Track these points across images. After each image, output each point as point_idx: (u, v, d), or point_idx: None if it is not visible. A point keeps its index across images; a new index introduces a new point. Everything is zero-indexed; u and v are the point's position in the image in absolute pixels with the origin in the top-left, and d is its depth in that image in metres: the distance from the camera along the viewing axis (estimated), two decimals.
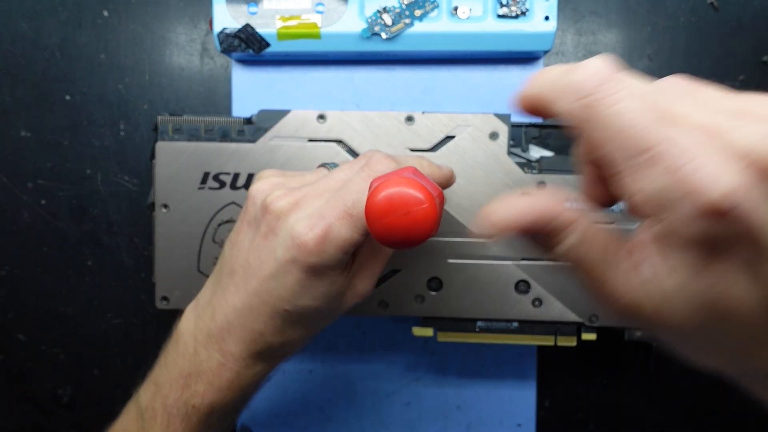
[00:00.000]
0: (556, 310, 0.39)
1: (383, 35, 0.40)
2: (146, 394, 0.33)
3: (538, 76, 0.21)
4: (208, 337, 0.31)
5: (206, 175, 0.40)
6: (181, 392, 0.31)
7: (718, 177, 0.16)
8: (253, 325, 0.29)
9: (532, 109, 0.22)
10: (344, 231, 0.27)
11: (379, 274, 0.32)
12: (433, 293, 0.39)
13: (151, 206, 0.40)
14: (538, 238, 0.21)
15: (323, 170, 0.33)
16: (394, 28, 0.40)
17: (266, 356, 0.31)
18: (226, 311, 0.30)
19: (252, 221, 0.30)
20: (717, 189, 0.16)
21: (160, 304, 0.40)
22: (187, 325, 0.32)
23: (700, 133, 0.17)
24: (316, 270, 0.28)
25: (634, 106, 0.17)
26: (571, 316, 0.39)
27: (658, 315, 0.18)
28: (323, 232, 0.27)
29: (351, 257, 0.30)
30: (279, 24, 0.41)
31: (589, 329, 0.39)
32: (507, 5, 0.40)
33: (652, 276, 0.18)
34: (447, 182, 0.34)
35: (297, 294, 0.28)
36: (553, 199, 0.20)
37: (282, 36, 0.41)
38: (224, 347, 0.30)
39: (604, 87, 0.18)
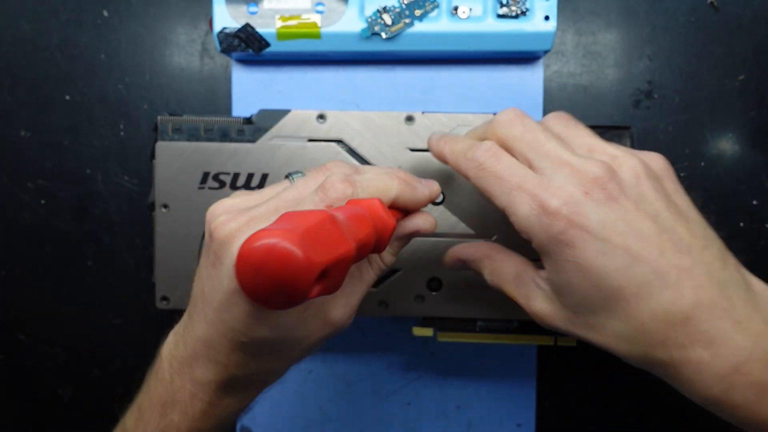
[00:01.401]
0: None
1: (383, 35, 0.40)
2: (131, 419, 0.32)
3: (448, 143, 0.31)
4: (180, 365, 0.29)
5: (206, 174, 0.40)
6: (159, 421, 0.30)
7: (561, 189, 0.27)
8: (216, 357, 0.28)
9: (439, 157, 0.32)
10: None
11: (358, 303, 0.29)
12: (433, 293, 0.39)
13: (152, 206, 0.40)
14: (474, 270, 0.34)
15: (285, 183, 0.30)
16: (394, 28, 0.40)
17: (236, 388, 0.29)
18: (193, 341, 0.28)
19: (205, 248, 0.28)
20: (557, 199, 0.26)
21: (161, 304, 0.40)
22: (166, 350, 0.30)
23: (561, 167, 0.28)
24: None
25: (477, 180, 0.29)
26: None
27: (548, 319, 0.30)
28: (234, 274, 0.24)
29: None
30: (279, 24, 0.41)
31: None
32: (507, 5, 0.40)
33: (547, 299, 0.29)
34: (418, 205, 0.30)
35: (249, 325, 0.26)
36: (476, 245, 0.34)
37: (282, 36, 0.41)
38: (194, 377, 0.29)
39: (489, 159, 0.28)
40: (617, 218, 0.25)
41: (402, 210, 0.29)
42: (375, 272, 0.30)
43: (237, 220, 0.26)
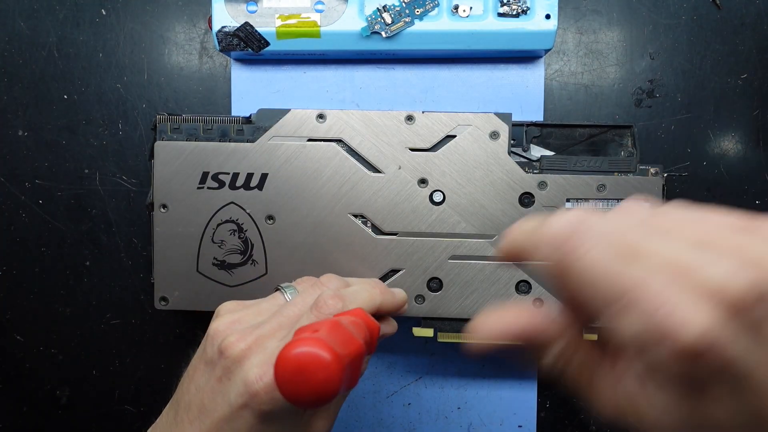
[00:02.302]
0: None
1: (383, 34, 0.40)
2: None
3: (516, 229, 0.23)
4: None
5: (205, 174, 0.39)
6: None
7: (691, 319, 0.16)
8: None
9: (515, 258, 0.23)
10: None
11: (337, 412, 0.32)
12: (433, 293, 0.39)
13: (150, 206, 0.40)
14: (526, 347, 0.23)
15: (279, 296, 0.33)
16: (394, 27, 0.40)
17: None
18: None
19: (209, 362, 0.30)
20: (691, 332, 0.16)
21: (159, 305, 0.40)
22: None
23: (670, 273, 0.17)
24: (268, 416, 0.28)
25: (602, 255, 0.18)
26: None
27: (641, 425, 0.20)
28: (274, 379, 0.27)
29: None
30: (278, 23, 0.40)
31: (590, 329, 0.39)
32: (508, 4, 0.40)
33: (635, 394, 0.19)
34: (398, 308, 0.36)
35: None
36: (537, 315, 0.23)
37: (281, 35, 0.41)
38: None
39: (572, 240, 0.19)
40: None
41: (376, 316, 0.34)
42: (368, 357, 0.32)
43: (246, 340, 0.29)
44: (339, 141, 0.39)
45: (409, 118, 0.39)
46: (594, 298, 0.18)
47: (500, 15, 0.40)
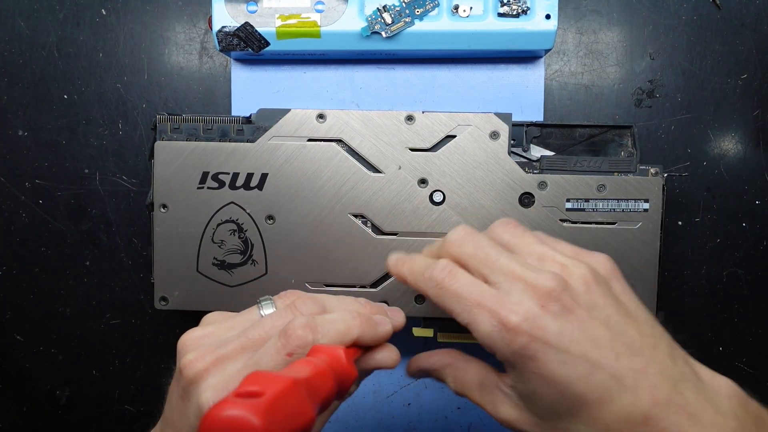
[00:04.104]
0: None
1: (383, 34, 0.40)
2: None
3: (405, 263, 0.32)
4: None
5: (205, 174, 0.39)
6: None
7: (517, 307, 0.27)
8: None
9: (400, 280, 0.32)
10: None
11: (322, 427, 0.31)
12: None
13: (150, 206, 0.40)
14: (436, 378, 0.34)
15: (254, 312, 0.31)
16: (394, 27, 0.40)
17: None
18: None
19: (176, 376, 0.29)
20: (518, 315, 0.27)
21: (159, 305, 0.40)
22: None
23: (506, 280, 0.29)
24: None
25: (438, 298, 0.30)
26: None
27: (516, 424, 0.30)
28: None
29: None
30: (278, 23, 0.40)
31: None
32: (508, 4, 0.40)
33: (513, 405, 0.30)
34: (380, 341, 0.31)
35: None
36: (437, 354, 0.34)
37: (281, 35, 0.41)
38: None
39: (446, 278, 0.29)
40: (574, 328, 0.27)
41: (364, 347, 0.30)
42: (339, 402, 0.31)
43: (204, 360, 0.27)
44: (339, 141, 0.39)
45: (409, 118, 0.39)
46: (457, 314, 0.29)
47: (500, 15, 0.40)
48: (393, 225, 0.39)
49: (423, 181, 0.39)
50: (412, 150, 0.39)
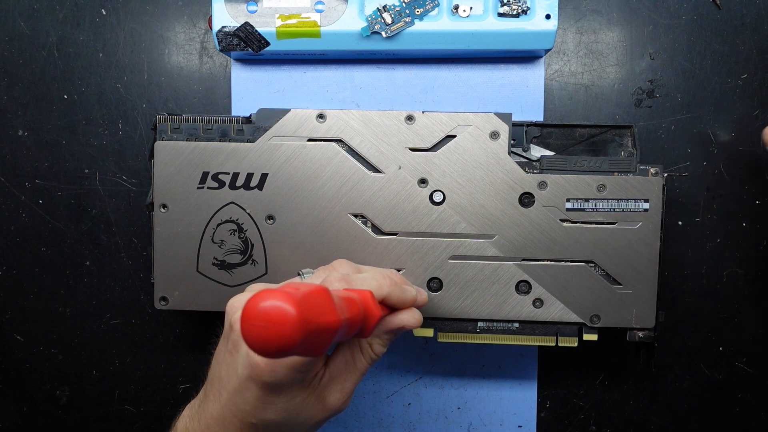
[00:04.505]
0: (557, 310, 0.39)
1: (383, 34, 0.40)
2: None
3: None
4: None
5: (205, 174, 0.39)
6: None
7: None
8: None
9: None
10: None
11: (353, 388, 0.33)
12: (434, 293, 0.39)
13: (150, 206, 0.40)
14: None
15: (297, 280, 0.34)
16: (394, 27, 0.40)
17: None
18: (207, 418, 0.31)
19: (224, 335, 0.31)
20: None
21: (159, 305, 0.40)
22: (182, 423, 0.33)
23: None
24: (271, 387, 0.29)
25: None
26: (573, 317, 0.39)
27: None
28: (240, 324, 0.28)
29: (323, 369, 0.32)
30: (278, 23, 0.40)
31: (591, 330, 0.39)
32: (508, 4, 0.40)
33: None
34: (405, 305, 0.34)
35: (258, 408, 0.29)
36: None
37: (281, 35, 0.41)
38: None
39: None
40: None
41: (390, 307, 0.33)
42: (367, 361, 0.33)
43: None
44: (339, 141, 0.39)
45: (409, 118, 0.39)
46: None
47: (500, 15, 0.40)
48: (393, 225, 0.39)
49: (423, 181, 0.39)
50: (412, 150, 0.39)
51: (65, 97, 0.46)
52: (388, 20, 0.40)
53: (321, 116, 0.39)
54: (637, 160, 0.39)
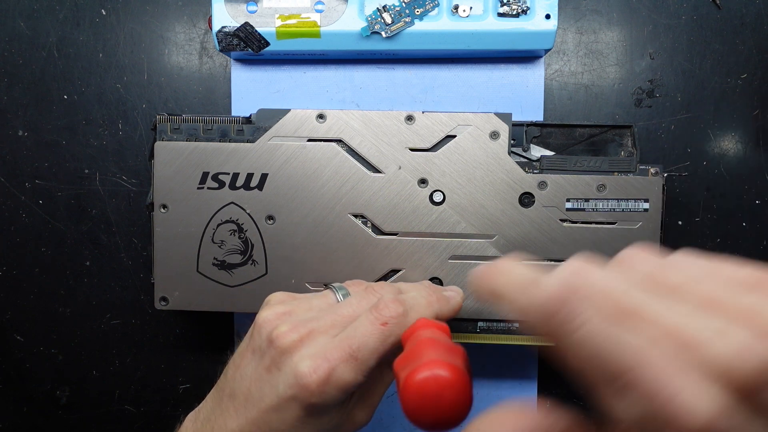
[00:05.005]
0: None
1: (383, 34, 0.40)
2: None
3: (502, 273, 0.20)
4: None
5: (205, 174, 0.39)
6: None
7: (696, 404, 0.14)
8: None
9: (493, 300, 0.21)
10: (347, 374, 0.28)
11: (378, 402, 0.32)
12: None
13: (150, 206, 0.40)
14: None
15: (330, 295, 0.33)
16: (394, 27, 0.40)
17: None
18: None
19: (257, 350, 0.30)
20: (697, 419, 0.14)
21: (159, 305, 0.40)
22: None
23: (673, 345, 0.15)
24: (316, 409, 0.28)
25: (600, 328, 0.16)
26: None
27: None
28: (326, 374, 0.27)
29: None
30: (278, 23, 0.40)
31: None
32: (507, 4, 0.40)
33: None
34: (454, 314, 0.34)
35: (294, 429, 0.29)
36: (540, 419, 0.20)
37: (281, 35, 0.41)
38: None
39: (566, 310, 0.17)
40: None
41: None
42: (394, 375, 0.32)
43: (298, 331, 0.29)
44: (339, 141, 0.39)
45: (409, 118, 0.39)
46: (592, 374, 0.17)
47: (500, 15, 0.40)
48: (393, 225, 0.39)
49: (423, 181, 0.39)
50: (412, 150, 0.39)
51: (65, 97, 0.46)
52: (388, 20, 0.40)
53: (321, 116, 0.39)
54: (637, 160, 0.39)
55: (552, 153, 0.40)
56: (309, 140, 0.39)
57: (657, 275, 0.17)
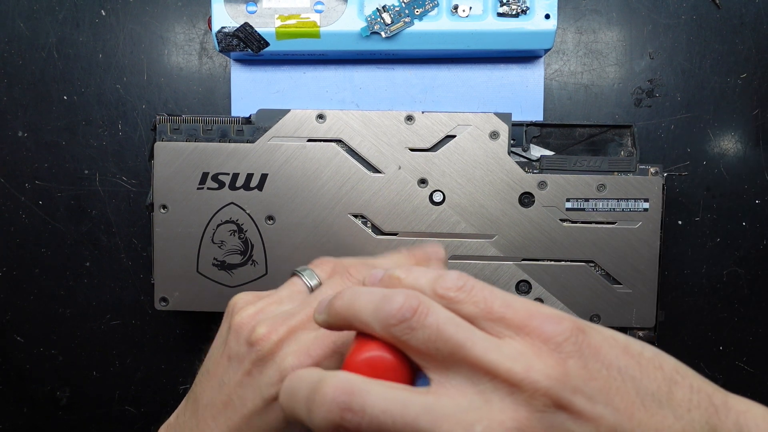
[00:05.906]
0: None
1: (383, 34, 0.40)
2: None
3: (350, 302, 0.24)
4: None
5: (205, 175, 0.39)
6: None
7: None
8: None
9: (340, 327, 0.25)
10: (332, 369, 0.27)
11: None
12: None
13: (150, 207, 0.40)
14: None
15: (298, 282, 0.31)
16: (393, 27, 0.40)
17: None
18: None
19: (234, 356, 0.29)
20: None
21: (159, 306, 0.40)
22: None
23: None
24: None
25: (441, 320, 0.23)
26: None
27: None
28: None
29: None
30: (278, 23, 0.40)
31: None
32: (507, 3, 0.40)
33: None
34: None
35: (280, 430, 0.28)
36: None
37: (281, 35, 0.41)
38: None
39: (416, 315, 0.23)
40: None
41: None
42: None
43: (278, 332, 0.28)
44: (339, 141, 0.39)
45: (409, 118, 0.39)
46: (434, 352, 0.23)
47: (500, 15, 0.40)
48: (393, 225, 0.39)
49: (423, 181, 0.39)
50: (412, 150, 0.39)
51: (65, 97, 0.46)
52: (388, 20, 0.40)
53: (321, 116, 0.39)
54: (636, 159, 0.39)
55: (552, 153, 0.40)
56: (309, 140, 0.39)
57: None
